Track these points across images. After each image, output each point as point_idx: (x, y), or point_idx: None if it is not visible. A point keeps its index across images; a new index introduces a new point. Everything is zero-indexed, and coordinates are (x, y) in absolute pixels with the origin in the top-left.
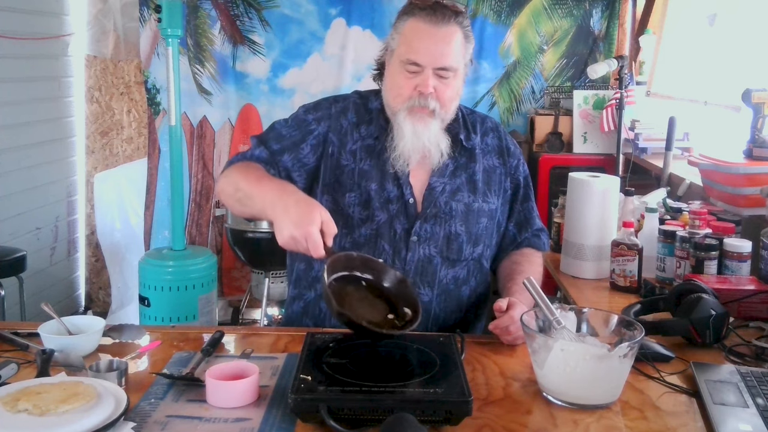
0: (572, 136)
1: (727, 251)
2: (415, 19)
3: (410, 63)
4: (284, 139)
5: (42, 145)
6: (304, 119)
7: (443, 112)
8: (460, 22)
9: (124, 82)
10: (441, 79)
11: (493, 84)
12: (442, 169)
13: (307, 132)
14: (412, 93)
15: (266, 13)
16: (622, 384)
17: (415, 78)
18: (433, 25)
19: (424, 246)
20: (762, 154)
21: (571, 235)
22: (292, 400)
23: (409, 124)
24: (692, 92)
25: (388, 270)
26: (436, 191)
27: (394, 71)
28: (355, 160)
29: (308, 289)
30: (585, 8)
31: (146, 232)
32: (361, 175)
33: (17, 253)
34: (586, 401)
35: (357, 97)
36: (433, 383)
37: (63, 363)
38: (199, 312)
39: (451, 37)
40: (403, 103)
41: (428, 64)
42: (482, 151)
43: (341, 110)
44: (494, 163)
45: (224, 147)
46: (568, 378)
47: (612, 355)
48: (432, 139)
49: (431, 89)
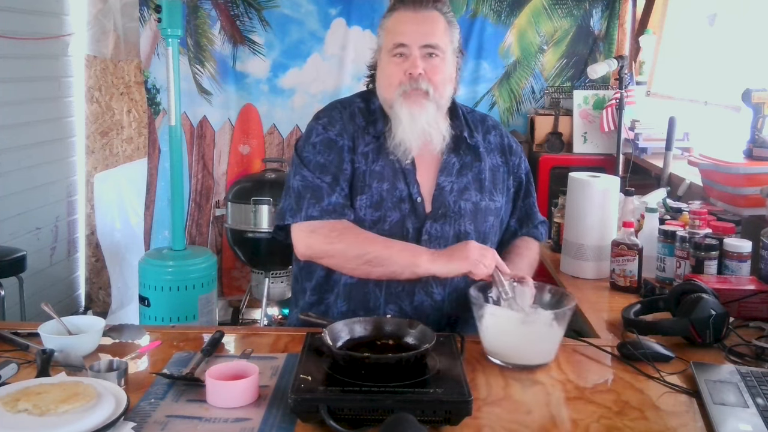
0: (572, 136)
1: (727, 251)
2: (397, 12)
3: (396, 47)
4: (331, 167)
5: (42, 145)
6: (331, 139)
7: (437, 95)
8: (441, 9)
9: (124, 82)
10: (429, 59)
11: (493, 84)
12: (449, 167)
13: (339, 150)
14: (403, 78)
15: (266, 13)
16: (555, 347)
17: (403, 63)
18: (414, 11)
19: (434, 245)
20: (762, 154)
21: (571, 235)
22: (292, 400)
23: (405, 109)
24: (692, 92)
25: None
26: (445, 191)
27: (383, 65)
28: (367, 161)
29: (329, 293)
30: (585, 8)
31: (146, 232)
32: (372, 176)
33: (17, 253)
34: (519, 361)
35: (360, 100)
36: (433, 383)
37: (63, 363)
38: (199, 312)
39: (434, 19)
40: (396, 89)
41: (414, 42)
42: (486, 150)
43: (350, 115)
44: (498, 162)
45: (224, 147)
46: (500, 340)
47: (534, 320)
48: (431, 121)
49: (420, 70)
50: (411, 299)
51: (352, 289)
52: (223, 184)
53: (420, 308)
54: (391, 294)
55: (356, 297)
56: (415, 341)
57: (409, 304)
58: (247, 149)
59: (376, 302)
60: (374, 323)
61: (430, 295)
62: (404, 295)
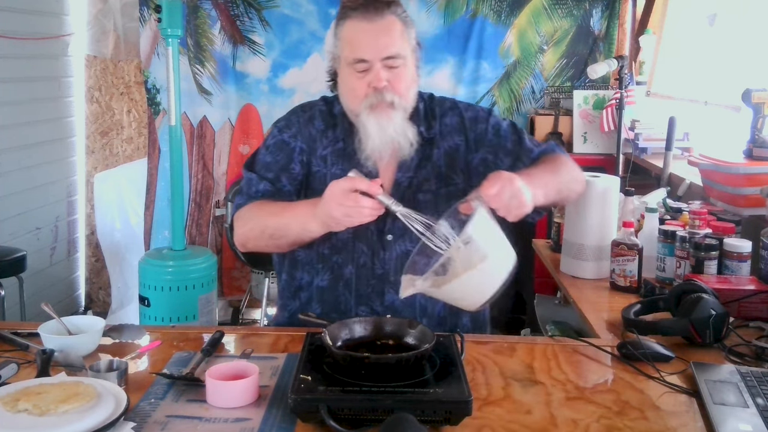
0: (572, 136)
1: (727, 251)
2: (351, 20)
3: (357, 62)
4: (274, 165)
5: (42, 145)
6: (284, 140)
7: (403, 102)
8: (395, 11)
9: (124, 82)
10: (391, 69)
11: (493, 84)
12: (408, 163)
13: (290, 151)
14: (367, 91)
15: (266, 13)
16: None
17: (366, 76)
18: (368, 20)
19: (400, 243)
20: (762, 154)
21: (571, 235)
22: (292, 400)
23: (373, 121)
24: (692, 92)
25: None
26: (402, 186)
27: (345, 75)
28: (326, 165)
29: (292, 299)
30: (585, 8)
31: (146, 232)
32: (333, 179)
33: (17, 253)
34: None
35: (323, 103)
36: (433, 383)
37: (63, 363)
38: (199, 312)
39: (390, 27)
40: (361, 102)
41: (374, 57)
42: (441, 135)
43: (309, 118)
44: (455, 143)
45: (224, 147)
46: (455, 296)
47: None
48: (398, 130)
49: (384, 82)
50: (381, 299)
51: (323, 292)
52: (223, 184)
53: (392, 307)
54: (361, 296)
55: (328, 300)
56: (415, 341)
57: (380, 305)
58: (247, 149)
59: (347, 305)
60: (374, 323)
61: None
62: (374, 296)
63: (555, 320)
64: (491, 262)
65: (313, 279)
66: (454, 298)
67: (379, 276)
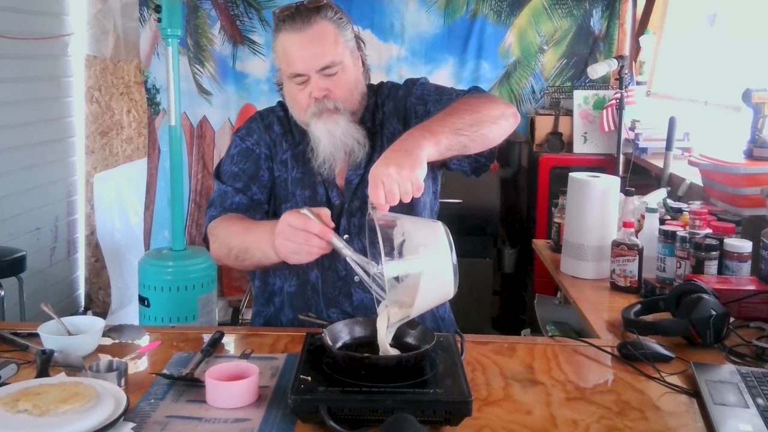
0: (572, 136)
1: (728, 251)
2: (283, 33)
3: (294, 76)
4: (243, 175)
5: (42, 145)
6: (248, 147)
7: (348, 106)
8: (325, 15)
9: (124, 82)
10: (330, 77)
11: (493, 84)
12: (358, 162)
13: (256, 158)
14: (309, 101)
15: (266, 13)
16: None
17: (305, 87)
18: (298, 31)
19: (357, 242)
20: (762, 154)
21: (571, 235)
22: (292, 400)
23: (321, 126)
24: (692, 92)
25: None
26: (353, 184)
27: (288, 88)
28: (287, 169)
29: (266, 305)
30: (585, 8)
31: (146, 232)
32: (294, 183)
33: (17, 253)
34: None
35: (280, 109)
36: (433, 383)
37: (63, 363)
38: (199, 312)
39: (321, 34)
40: (306, 112)
41: (309, 69)
42: (382, 124)
43: (268, 125)
44: (395, 128)
45: (224, 147)
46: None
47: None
48: (347, 133)
49: (324, 92)
50: (350, 300)
51: (293, 297)
52: None
53: (361, 306)
54: (329, 299)
55: (298, 305)
56: (415, 341)
57: (349, 305)
58: None
59: (317, 308)
60: (374, 323)
61: (368, 292)
62: (341, 298)
63: (555, 320)
64: (429, 266)
65: (284, 285)
66: (429, 306)
67: (343, 277)
